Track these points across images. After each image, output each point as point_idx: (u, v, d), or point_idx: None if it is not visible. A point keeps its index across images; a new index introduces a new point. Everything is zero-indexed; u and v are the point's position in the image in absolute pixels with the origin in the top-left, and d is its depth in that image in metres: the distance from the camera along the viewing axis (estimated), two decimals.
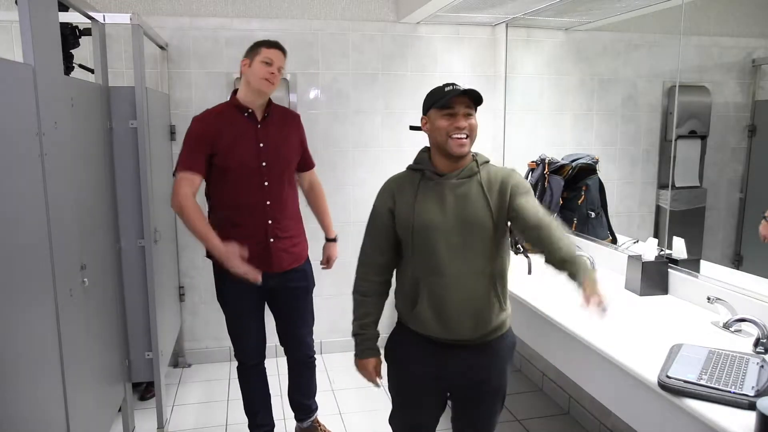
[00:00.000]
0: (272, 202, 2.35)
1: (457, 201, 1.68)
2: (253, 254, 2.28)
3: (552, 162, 3.07)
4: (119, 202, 2.57)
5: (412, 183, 1.75)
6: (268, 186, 2.34)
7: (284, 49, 2.35)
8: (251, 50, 2.34)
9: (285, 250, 2.42)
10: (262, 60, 2.28)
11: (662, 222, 2.60)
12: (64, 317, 1.66)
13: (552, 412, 3.08)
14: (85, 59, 2.91)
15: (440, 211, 1.69)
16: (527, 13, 3.37)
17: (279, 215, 2.38)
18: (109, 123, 2.51)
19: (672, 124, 2.53)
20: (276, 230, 2.38)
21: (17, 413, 1.36)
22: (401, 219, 1.73)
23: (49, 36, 1.63)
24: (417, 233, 1.70)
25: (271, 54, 2.29)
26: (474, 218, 1.67)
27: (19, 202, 1.41)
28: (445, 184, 1.70)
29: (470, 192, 1.69)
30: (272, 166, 2.34)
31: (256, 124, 2.34)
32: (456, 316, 1.69)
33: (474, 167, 1.73)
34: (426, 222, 1.68)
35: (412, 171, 1.78)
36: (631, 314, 2.13)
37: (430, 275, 1.70)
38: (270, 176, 2.34)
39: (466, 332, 1.71)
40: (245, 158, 2.30)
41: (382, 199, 1.79)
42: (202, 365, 3.67)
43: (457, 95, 1.66)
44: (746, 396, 1.40)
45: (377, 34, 3.63)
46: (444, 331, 1.71)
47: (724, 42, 2.50)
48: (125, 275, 2.62)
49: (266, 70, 2.27)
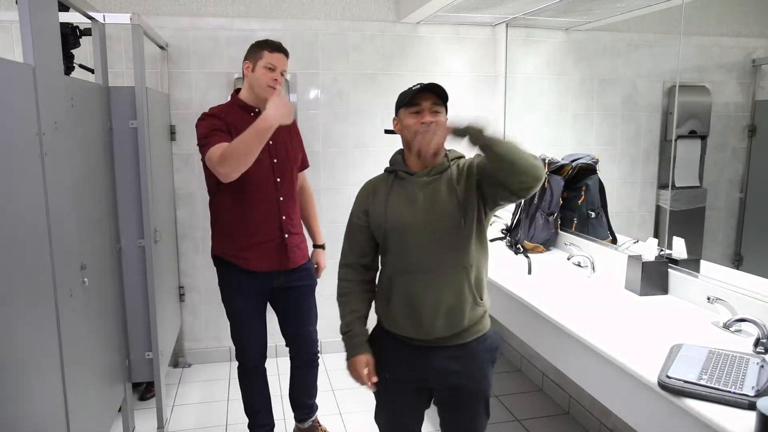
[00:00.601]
0: (285, 199, 2.40)
1: (425, 198, 1.70)
2: (271, 251, 2.38)
3: (552, 162, 3.07)
4: (119, 202, 2.58)
5: (385, 184, 1.78)
6: (280, 182, 2.38)
7: (287, 51, 2.35)
8: (253, 52, 2.31)
9: (297, 246, 2.46)
10: (266, 65, 2.27)
11: (662, 222, 2.60)
12: (64, 317, 1.66)
13: (552, 412, 3.08)
14: (86, 59, 2.92)
15: (410, 210, 1.70)
16: (527, 13, 3.37)
17: (290, 211, 2.43)
18: (109, 123, 2.51)
19: (672, 124, 2.53)
20: (289, 226, 2.43)
21: (17, 413, 1.36)
22: (374, 220, 1.76)
23: (49, 36, 1.63)
24: (389, 233, 1.72)
25: (274, 59, 2.28)
26: (442, 213, 1.67)
27: (19, 202, 1.41)
28: (415, 183, 1.72)
29: (439, 188, 1.70)
30: (282, 163, 2.39)
31: None
32: (428, 312, 1.68)
33: (445, 163, 1.74)
34: (396, 221, 1.71)
35: (387, 173, 1.83)
36: (631, 314, 2.13)
37: (402, 273, 1.72)
38: (282, 173, 2.39)
39: (440, 330, 1.70)
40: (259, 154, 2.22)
41: (358, 201, 1.84)
42: (202, 365, 3.67)
43: (421, 91, 1.66)
44: (746, 396, 1.40)
45: (377, 34, 3.63)
46: (418, 331, 1.71)
47: (724, 42, 2.50)
48: (125, 275, 2.62)
49: (270, 76, 2.28)
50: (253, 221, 2.36)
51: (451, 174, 1.71)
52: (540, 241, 3.08)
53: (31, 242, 1.47)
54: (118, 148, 2.55)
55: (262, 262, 2.39)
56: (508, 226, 3.31)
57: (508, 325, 2.60)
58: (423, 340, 1.72)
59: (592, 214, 2.99)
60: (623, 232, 2.87)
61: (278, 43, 2.33)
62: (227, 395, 3.28)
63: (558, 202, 3.05)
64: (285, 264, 2.43)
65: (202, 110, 3.46)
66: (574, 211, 3.05)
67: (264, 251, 2.38)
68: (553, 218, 3.07)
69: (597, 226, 2.98)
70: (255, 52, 2.30)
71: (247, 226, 2.36)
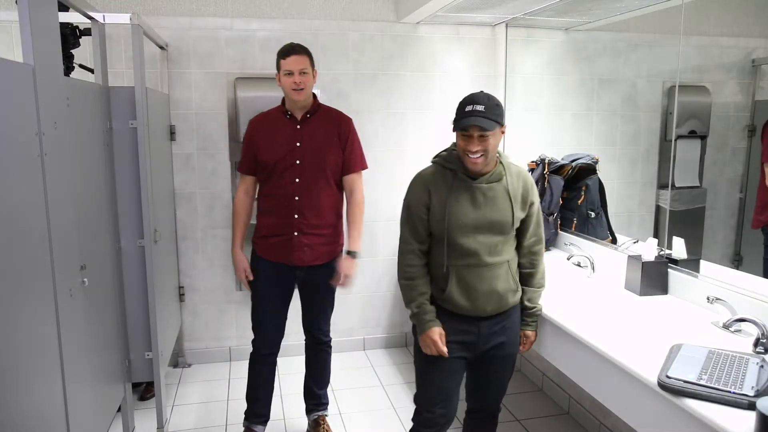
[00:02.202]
0: (301, 198, 2.49)
1: (486, 202, 1.95)
2: (280, 245, 2.53)
3: (552, 162, 3.07)
4: (119, 202, 2.58)
5: (445, 181, 1.97)
6: (299, 182, 2.48)
7: (300, 49, 2.45)
8: (277, 62, 2.48)
9: (309, 246, 2.52)
10: (284, 73, 2.44)
11: (662, 222, 2.60)
12: (64, 317, 1.66)
13: (552, 412, 3.08)
14: (85, 59, 2.92)
15: (472, 211, 1.94)
16: (527, 13, 3.37)
17: (308, 212, 2.50)
18: (109, 123, 2.51)
19: (672, 124, 2.53)
20: (302, 225, 2.50)
21: (17, 413, 1.36)
22: (436, 214, 1.96)
23: (49, 36, 1.63)
24: (451, 229, 1.93)
25: (288, 64, 2.41)
26: (500, 218, 1.95)
27: (19, 202, 1.41)
28: (476, 187, 1.95)
29: (498, 195, 1.96)
30: (306, 165, 2.48)
31: (296, 124, 2.50)
32: (482, 297, 1.96)
33: (501, 171, 1.98)
34: (459, 220, 1.93)
35: (443, 168, 1.99)
36: (631, 314, 2.13)
37: (459, 263, 1.95)
38: (302, 174, 2.48)
39: (491, 310, 2.00)
40: (279, 155, 2.47)
41: (417, 194, 2.00)
42: (202, 365, 3.67)
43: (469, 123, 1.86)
44: (746, 396, 1.40)
45: (377, 34, 3.63)
46: (471, 310, 1.98)
47: (724, 42, 2.50)
48: (125, 275, 2.62)
49: (290, 81, 2.42)
50: (269, 215, 2.54)
51: (506, 185, 1.97)
52: None
53: (31, 242, 1.47)
54: (118, 148, 2.55)
55: (269, 252, 2.55)
56: None
57: None
58: (475, 315, 2.00)
59: (591, 214, 2.99)
60: (623, 232, 2.87)
61: (288, 47, 2.45)
62: (227, 395, 3.28)
63: (558, 202, 3.05)
64: (291, 260, 2.52)
65: (202, 110, 3.50)
66: (574, 211, 3.05)
67: (272, 244, 2.54)
68: (552, 218, 3.07)
69: (597, 226, 2.99)
70: (277, 63, 2.47)
71: (264, 217, 2.57)
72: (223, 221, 3.54)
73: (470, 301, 1.96)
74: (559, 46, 3.53)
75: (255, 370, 2.69)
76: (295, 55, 2.42)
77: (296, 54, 2.42)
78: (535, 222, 2.05)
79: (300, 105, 2.49)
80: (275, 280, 2.59)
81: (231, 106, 3.50)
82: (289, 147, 2.47)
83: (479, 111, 1.85)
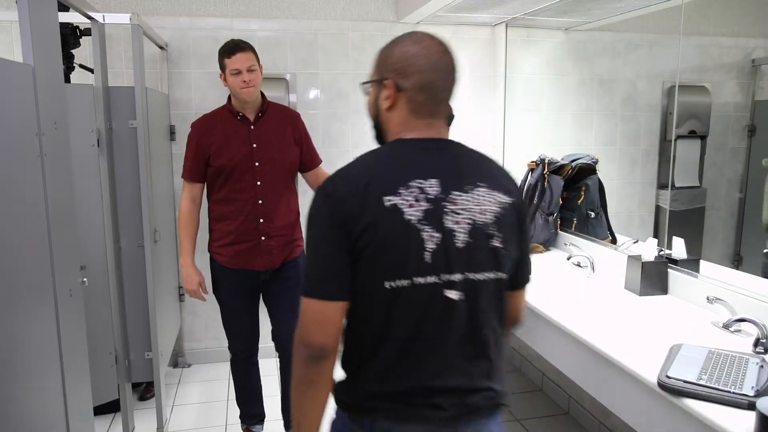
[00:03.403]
0: (265, 201, 2.38)
1: None
2: (246, 251, 2.40)
3: (552, 162, 3.07)
4: (119, 202, 2.58)
5: None
6: (260, 185, 2.37)
7: (245, 46, 2.32)
8: (220, 62, 2.34)
9: (279, 248, 2.44)
10: (230, 72, 2.30)
11: (662, 222, 2.60)
12: (64, 317, 1.66)
13: (552, 412, 3.08)
14: (86, 59, 2.92)
15: None
16: (527, 13, 3.37)
17: (272, 214, 2.40)
18: (109, 123, 2.51)
19: (672, 124, 2.53)
20: (268, 229, 2.40)
21: (17, 413, 1.36)
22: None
23: (49, 36, 1.63)
24: None
25: (234, 62, 2.29)
26: None
27: (19, 202, 1.41)
28: None
29: None
30: (265, 166, 2.37)
31: (249, 125, 2.39)
32: None
33: None
34: None
35: None
36: (631, 314, 2.13)
37: None
38: (263, 176, 2.37)
39: None
40: (237, 158, 2.34)
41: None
42: (202, 365, 3.67)
43: None
44: (746, 396, 1.40)
45: (377, 34, 3.63)
46: None
47: (724, 42, 2.50)
48: (125, 275, 2.62)
49: (238, 80, 2.29)
50: (228, 221, 2.40)
51: None
52: (540, 241, 3.08)
53: (31, 242, 1.47)
54: (118, 148, 2.55)
55: (233, 260, 2.43)
56: None
57: None
58: None
59: (591, 214, 2.99)
60: (623, 232, 2.87)
61: (232, 44, 2.32)
62: (227, 395, 3.28)
63: (558, 202, 3.05)
64: (260, 265, 2.43)
65: (202, 110, 3.47)
66: (574, 211, 3.05)
67: (237, 251, 2.41)
68: (552, 218, 3.07)
69: (597, 226, 2.98)
70: (220, 62, 2.34)
71: (221, 224, 2.42)
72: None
73: None
74: (558, 46, 3.53)
75: (238, 374, 2.65)
76: (241, 52, 2.29)
77: (242, 51, 2.29)
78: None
79: (251, 105, 2.38)
80: (241, 287, 2.48)
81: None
82: (245, 149, 2.35)
83: None
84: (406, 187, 1.11)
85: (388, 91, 1.19)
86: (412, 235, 1.10)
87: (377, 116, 1.24)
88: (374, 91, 1.23)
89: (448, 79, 1.26)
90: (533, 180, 3.11)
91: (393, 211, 1.09)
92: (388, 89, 1.19)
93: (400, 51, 1.20)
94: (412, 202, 1.10)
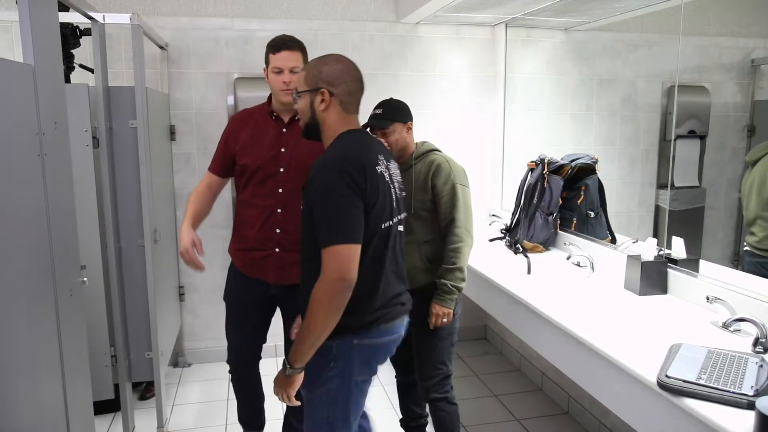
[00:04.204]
0: (284, 211, 2.19)
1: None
2: (258, 261, 2.23)
3: (551, 162, 3.07)
4: (119, 202, 2.58)
5: None
6: (282, 193, 2.18)
7: (293, 44, 2.17)
8: (266, 56, 2.20)
9: (291, 264, 2.17)
10: (272, 70, 2.16)
11: (661, 222, 2.60)
12: (64, 317, 1.66)
13: (552, 412, 3.08)
14: (86, 59, 2.92)
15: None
16: (527, 13, 3.37)
17: (291, 226, 2.18)
18: (109, 123, 2.51)
19: (671, 124, 2.54)
20: (284, 241, 2.20)
21: (17, 413, 1.36)
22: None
23: (49, 36, 1.63)
24: None
25: (278, 60, 2.14)
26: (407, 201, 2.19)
27: (19, 202, 1.41)
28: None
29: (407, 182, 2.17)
30: (290, 173, 2.18)
31: (282, 127, 2.22)
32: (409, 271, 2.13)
33: (411, 162, 2.29)
34: None
35: None
36: (631, 314, 2.13)
37: None
38: (286, 183, 2.18)
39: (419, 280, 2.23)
40: (261, 160, 2.17)
41: None
42: (202, 365, 3.67)
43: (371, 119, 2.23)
44: (745, 396, 1.40)
45: (377, 34, 3.63)
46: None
47: (723, 42, 2.50)
48: (125, 275, 2.62)
49: (279, 80, 2.14)
50: (247, 226, 2.25)
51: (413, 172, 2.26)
52: (539, 241, 3.08)
53: (31, 242, 1.47)
54: (118, 148, 2.55)
55: (248, 267, 2.28)
56: (507, 226, 3.31)
57: (508, 325, 2.60)
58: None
59: (591, 213, 2.99)
60: (622, 231, 2.87)
61: (280, 40, 2.17)
62: (227, 395, 3.28)
63: (557, 202, 3.05)
64: (271, 277, 2.24)
65: (202, 110, 3.50)
66: (574, 211, 3.06)
67: (252, 259, 2.26)
68: (552, 218, 3.07)
69: (596, 225, 2.99)
70: (266, 57, 2.19)
71: (242, 229, 2.29)
72: (223, 221, 3.54)
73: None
74: (558, 46, 3.53)
75: (236, 388, 2.51)
76: (287, 50, 2.13)
77: (288, 49, 2.13)
78: (448, 204, 2.21)
79: (288, 107, 2.18)
80: (248, 295, 2.30)
81: (231, 106, 3.50)
82: (272, 152, 2.17)
83: (377, 114, 2.23)
84: (376, 160, 1.63)
85: (323, 97, 1.65)
86: (388, 190, 1.65)
87: (312, 116, 1.69)
88: (308, 98, 1.67)
89: (361, 87, 1.74)
90: (533, 180, 3.11)
91: (380, 175, 1.62)
92: (324, 95, 1.65)
93: (328, 68, 1.68)
94: (383, 170, 1.64)
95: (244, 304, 2.34)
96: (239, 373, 2.46)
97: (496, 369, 3.63)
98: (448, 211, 2.21)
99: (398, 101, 2.27)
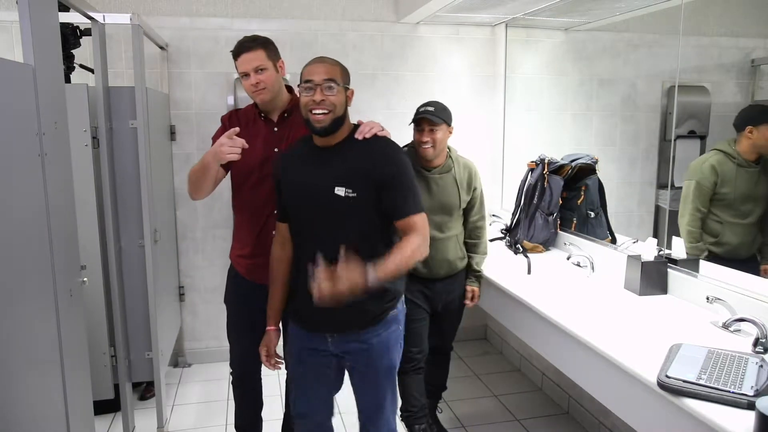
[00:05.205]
0: None
1: (439, 189, 2.46)
2: (261, 265, 2.12)
3: (551, 162, 3.07)
4: (119, 202, 2.58)
5: None
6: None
7: (251, 45, 2.06)
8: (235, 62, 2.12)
9: None
10: (240, 74, 2.08)
11: (661, 222, 2.61)
12: (64, 317, 1.66)
13: (552, 412, 3.08)
14: (86, 59, 2.92)
15: (428, 197, 2.39)
16: (527, 13, 3.37)
17: None
18: (109, 123, 2.51)
19: (671, 124, 2.54)
20: None
21: (17, 413, 1.36)
22: None
23: (49, 36, 1.63)
24: None
25: (241, 66, 2.05)
26: (449, 201, 2.47)
27: (19, 202, 1.41)
28: (430, 177, 2.45)
29: (447, 183, 2.47)
30: None
31: (272, 127, 2.15)
32: (437, 265, 2.48)
33: (450, 164, 2.50)
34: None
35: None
36: (631, 314, 2.13)
37: None
38: None
39: (443, 274, 2.52)
40: (253, 163, 2.09)
41: None
42: (202, 365, 3.67)
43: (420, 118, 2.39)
44: (745, 396, 1.40)
45: (377, 34, 3.64)
46: (428, 274, 2.49)
47: (723, 42, 2.50)
48: (125, 275, 2.62)
49: (247, 83, 2.07)
50: (245, 232, 2.20)
51: (455, 174, 2.49)
52: (539, 241, 3.08)
53: (31, 242, 1.47)
54: (118, 148, 2.55)
55: (251, 273, 2.22)
56: (507, 226, 3.31)
57: (508, 325, 2.60)
58: (431, 278, 2.50)
59: (591, 214, 2.99)
60: (622, 231, 2.87)
61: (238, 44, 2.08)
62: (227, 395, 3.28)
63: (557, 202, 3.05)
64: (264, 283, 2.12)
65: (202, 110, 3.50)
66: (574, 211, 3.06)
67: (256, 264, 2.18)
68: (552, 218, 3.07)
69: (596, 226, 2.99)
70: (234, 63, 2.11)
71: (240, 234, 2.24)
72: (224, 221, 3.54)
73: (427, 268, 2.46)
74: (558, 46, 3.53)
75: (235, 393, 2.47)
76: (246, 52, 2.03)
77: (247, 51, 2.03)
78: (479, 203, 2.58)
79: (271, 106, 2.12)
80: (254, 304, 2.18)
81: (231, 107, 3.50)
82: (265, 154, 2.09)
83: (429, 111, 2.37)
84: None
85: (350, 95, 1.90)
86: None
87: (345, 110, 1.86)
88: (343, 93, 1.85)
89: None
90: (533, 180, 3.11)
91: None
92: (350, 94, 1.90)
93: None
94: None
95: (248, 310, 2.25)
96: (241, 379, 2.43)
97: (496, 369, 3.63)
98: (479, 209, 2.60)
99: (445, 104, 2.47)
